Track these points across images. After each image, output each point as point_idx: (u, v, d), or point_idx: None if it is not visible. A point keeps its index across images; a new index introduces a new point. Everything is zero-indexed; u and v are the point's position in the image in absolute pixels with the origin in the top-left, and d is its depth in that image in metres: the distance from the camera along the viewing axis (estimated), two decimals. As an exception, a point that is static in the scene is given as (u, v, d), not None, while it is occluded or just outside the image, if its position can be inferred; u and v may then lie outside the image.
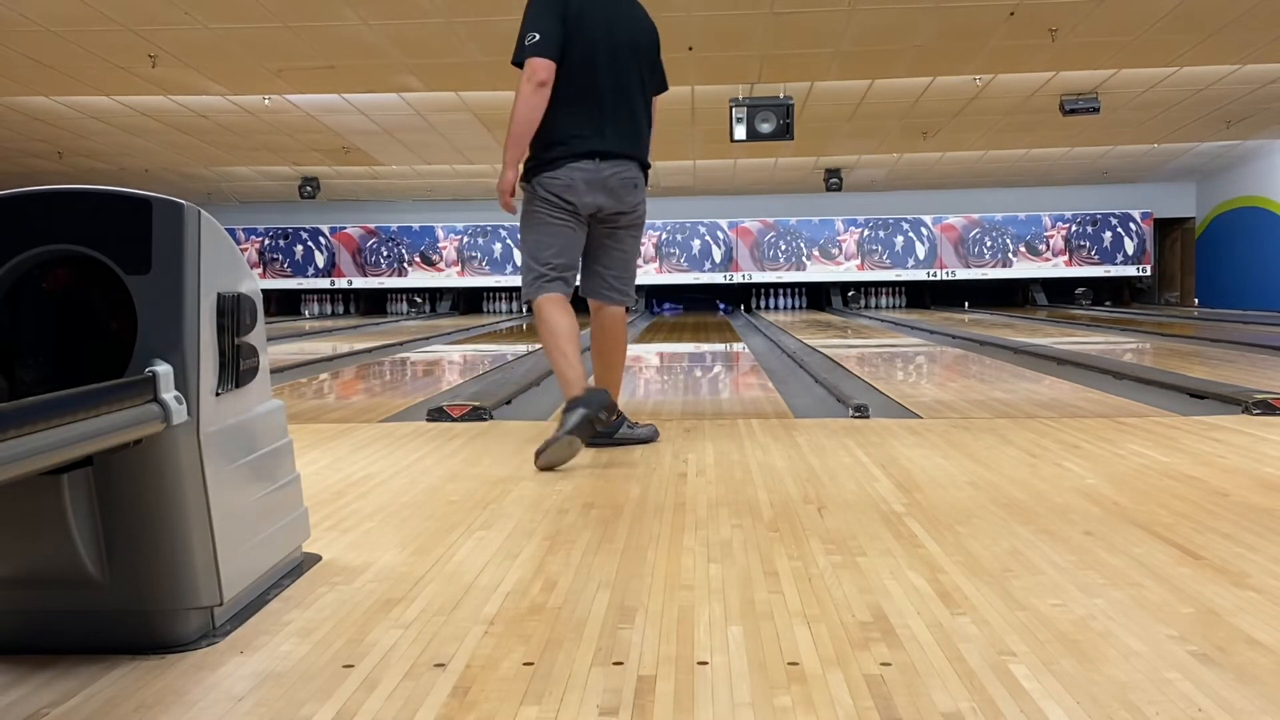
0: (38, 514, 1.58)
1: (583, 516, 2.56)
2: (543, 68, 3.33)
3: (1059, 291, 18.83)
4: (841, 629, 1.71)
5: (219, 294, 1.76)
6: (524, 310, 19.21)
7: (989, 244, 18.39)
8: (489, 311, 19.28)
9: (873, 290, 19.10)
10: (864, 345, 9.66)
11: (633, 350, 9.66)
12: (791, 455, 3.39)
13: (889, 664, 1.56)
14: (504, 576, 2.04)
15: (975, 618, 1.75)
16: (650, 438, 3.66)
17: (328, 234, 19.01)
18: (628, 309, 3.70)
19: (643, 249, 18.46)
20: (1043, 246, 18.37)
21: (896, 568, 2.06)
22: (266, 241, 19.01)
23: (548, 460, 3.14)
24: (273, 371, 2.19)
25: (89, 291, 1.75)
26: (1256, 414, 4.13)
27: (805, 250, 18.46)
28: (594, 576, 2.04)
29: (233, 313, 1.78)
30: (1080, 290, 18.75)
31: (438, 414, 4.37)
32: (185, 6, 7.88)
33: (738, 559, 2.15)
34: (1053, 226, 18.38)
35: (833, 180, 16.25)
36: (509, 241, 18.63)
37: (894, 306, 18.85)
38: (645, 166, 3.60)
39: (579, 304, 3.55)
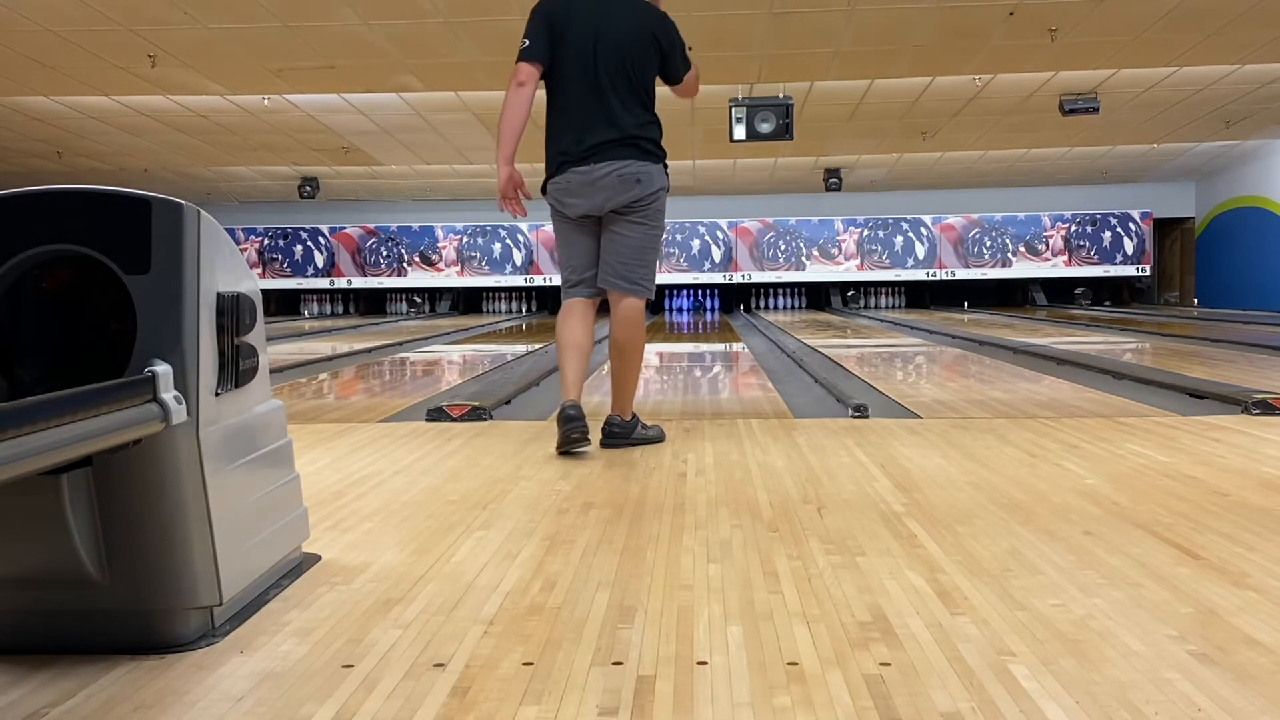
0: (37, 514, 1.58)
1: (582, 516, 2.56)
2: (523, 70, 3.52)
3: (1058, 291, 18.82)
4: (841, 629, 1.71)
5: (218, 294, 1.76)
6: (523, 310, 19.28)
7: (988, 244, 18.38)
8: (488, 311, 19.27)
9: (872, 290, 19.09)
10: (863, 345, 9.66)
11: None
12: (791, 455, 3.39)
13: (888, 664, 1.56)
14: (503, 576, 2.04)
15: (975, 618, 1.75)
16: (659, 438, 3.75)
17: (327, 234, 19.00)
18: (648, 304, 3.73)
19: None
20: (1042, 246, 18.36)
21: (896, 568, 2.06)
22: (266, 241, 19.00)
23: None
24: (272, 371, 2.19)
25: (89, 291, 1.75)
26: (1256, 414, 4.14)
27: (805, 250, 18.45)
28: (593, 576, 2.04)
29: (232, 313, 1.78)
30: (1080, 290, 18.74)
31: (437, 414, 4.37)
32: (185, 6, 7.87)
33: (737, 559, 2.15)
34: (1052, 226, 18.37)
35: (832, 180, 16.24)
36: (508, 242, 18.63)
37: (893, 306, 18.84)
38: (651, 157, 3.62)
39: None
